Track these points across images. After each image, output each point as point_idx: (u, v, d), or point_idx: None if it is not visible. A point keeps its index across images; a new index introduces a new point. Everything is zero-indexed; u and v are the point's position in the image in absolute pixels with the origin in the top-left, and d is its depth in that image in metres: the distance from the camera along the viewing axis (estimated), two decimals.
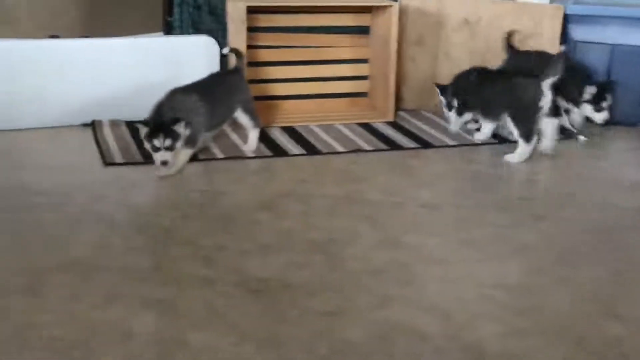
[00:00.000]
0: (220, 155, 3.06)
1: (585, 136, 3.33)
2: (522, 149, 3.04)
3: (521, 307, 1.97)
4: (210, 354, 1.73)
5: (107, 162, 2.94)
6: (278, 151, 3.12)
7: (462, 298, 2.02)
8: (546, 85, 3.00)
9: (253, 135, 3.14)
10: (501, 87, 3.13)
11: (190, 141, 2.86)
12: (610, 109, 3.32)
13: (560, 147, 3.18)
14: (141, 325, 1.83)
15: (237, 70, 3.22)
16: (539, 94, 3.01)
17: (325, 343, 1.78)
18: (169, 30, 3.83)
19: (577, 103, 3.32)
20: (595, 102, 3.29)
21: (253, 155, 3.07)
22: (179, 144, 2.79)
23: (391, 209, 2.60)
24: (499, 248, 2.32)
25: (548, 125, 3.09)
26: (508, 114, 3.07)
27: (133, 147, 3.09)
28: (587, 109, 3.31)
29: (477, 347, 1.78)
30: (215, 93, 3.03)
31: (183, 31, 3.65)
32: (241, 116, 3.12)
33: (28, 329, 1.81)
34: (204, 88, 3.01)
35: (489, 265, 2.20)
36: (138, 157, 2.98)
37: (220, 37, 3.55)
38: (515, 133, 3.06)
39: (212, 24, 3.66)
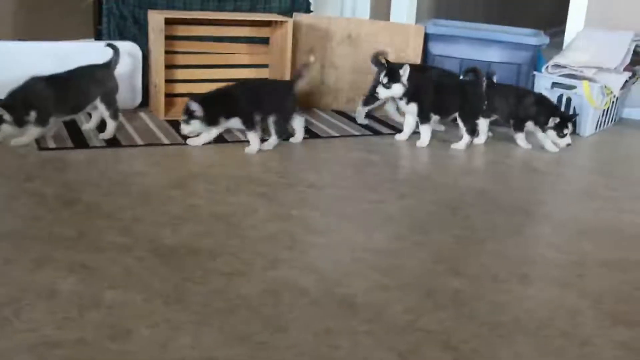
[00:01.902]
0: (140, 142, 2.97)
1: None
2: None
3: (385, 266, 2.00)
4: (123, 307, 1.68)
5: (42, 147, 2.81)
6: None
7: (337, 260, 2.03)
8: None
9: (110, 125, 2.98)
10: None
11: (38, 122, 2.77)
12: None
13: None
14: (65, 285, 1.76)
15: (107, 64, 3.00)
16: None
17: (223, 298, 1.76)
18: (99, 36, 3.69)
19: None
20: None
21: (168, 142, 2.99)
22: (4, 126, 2.72)
23: (283, 188, 2.59)
24: (369, 220, 2.34)
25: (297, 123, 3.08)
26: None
27: (65, 133, 2.97)
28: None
29: (348, 299, 1.79)
30: (69, 83, 2.87)
31: (110, 38, 3.51)
32: (100, 105, 2.95)
33: None
34: (58, 78, 2.84)
35: (360, 234, 2.22)
36: (69, 143, 2.87)
37: (143, 43, 3.45)
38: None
39: (136, 32, 3.54)
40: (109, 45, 3.01)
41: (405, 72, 3.03)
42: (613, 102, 3.62)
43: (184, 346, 1.54)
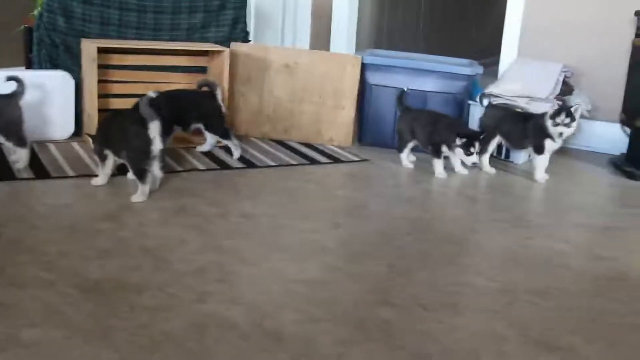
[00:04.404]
0: (70, 173, 2.91)
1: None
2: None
3: (316, 298, 1.99)
4: (41, 347, 1.62)
5: None
6: (120, 170, 3.00)
7: (268, 292, 2.01)
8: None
9: (20, 154, 2.90)
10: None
11: None
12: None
13: (361, 168, 3.29)
14: None
15: (8, 95, 2.89)
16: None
17: (147, 333, 1.72)
18: (29, 65, 3.63)
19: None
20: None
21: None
22: None
23: (216, 218, 2.57)
24: (302, 250, 2.34)
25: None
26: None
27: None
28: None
29: (277, 332, 1.78)
30: None
31: (42, 66, 3.46)
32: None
33: None
34: None
35: (293, 264, 2.21)
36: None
37: (77, 72, 3.40)
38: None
39: (68, 60, 3.49)
40: (11, 78, 2.90)
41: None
42: None
43: None
